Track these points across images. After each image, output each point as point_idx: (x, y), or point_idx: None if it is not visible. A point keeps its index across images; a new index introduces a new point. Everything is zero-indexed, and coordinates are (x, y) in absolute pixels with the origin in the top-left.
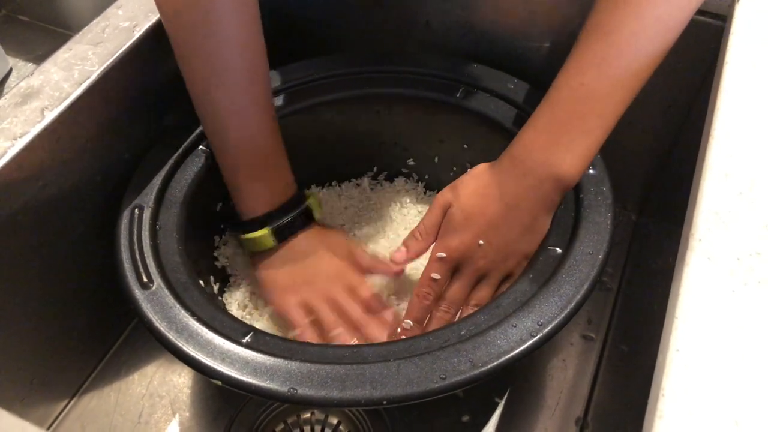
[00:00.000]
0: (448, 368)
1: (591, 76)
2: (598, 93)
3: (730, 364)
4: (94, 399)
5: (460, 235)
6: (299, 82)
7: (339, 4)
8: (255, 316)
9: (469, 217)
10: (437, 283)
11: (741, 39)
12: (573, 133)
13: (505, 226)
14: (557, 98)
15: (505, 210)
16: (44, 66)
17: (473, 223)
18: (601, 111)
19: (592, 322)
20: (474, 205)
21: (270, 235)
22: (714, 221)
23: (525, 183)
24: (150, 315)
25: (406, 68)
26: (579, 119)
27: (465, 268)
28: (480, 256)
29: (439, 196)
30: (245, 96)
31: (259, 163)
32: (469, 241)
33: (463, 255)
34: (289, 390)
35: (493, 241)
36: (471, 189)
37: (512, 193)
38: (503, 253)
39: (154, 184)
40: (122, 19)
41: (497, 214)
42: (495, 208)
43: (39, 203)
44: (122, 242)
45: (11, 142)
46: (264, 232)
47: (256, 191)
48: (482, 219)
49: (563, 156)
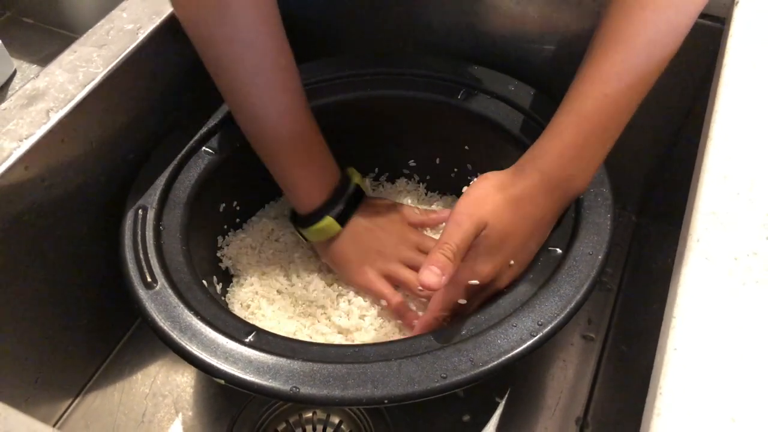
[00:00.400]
0: (448, 367)
1: (613, 86)
2: (620, 104)
3: (728, 363)
4: (98, 398)
5: (494, 258)
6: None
7: (340, 5)
8: (258, 315)
9: (505, 239)
10: (461, 306)
11: (740, 41)
12: (596, 146)
13: (532, 243)
14: (582, 110)
15: (533, 226)
16: (49, 68)
17: (508, 245)
18: (619, 119)
19: (592, 322)
20: (509, 224)
21: (334, 222)
22: (712, 222)
23: (552, 198)
24: (154, 314)
25: (406, 70)
26: (602, 131)
27: (489, 290)
28: (508, 276)
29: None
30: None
31: (305, 157)
32: (501, 264)
33: (494, 278)
34: (292, 389)
35: (520, 260)
36: (503, 206)
37: (541, 208)
38: (524, 267)
39: (157, 185)
40: (126, 21)
41: (527, 232)
42: (526, 226)
43: (44, 204)
44: (126, 242)
45: (17, 143)
46: (328, 220)
47: (310, 181)
48: (516, 240)
49: (585, 168)
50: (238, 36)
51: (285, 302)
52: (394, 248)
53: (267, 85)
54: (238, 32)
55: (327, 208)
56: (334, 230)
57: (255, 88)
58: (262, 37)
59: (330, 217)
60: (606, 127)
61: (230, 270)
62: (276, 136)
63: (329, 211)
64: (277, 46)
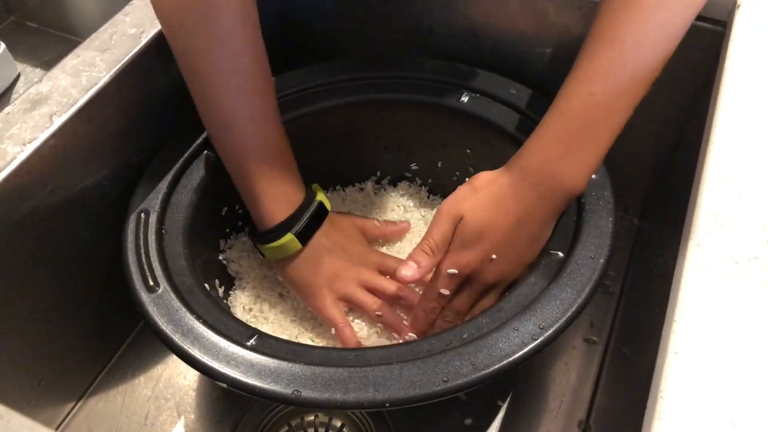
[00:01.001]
0: (450, 371)
1: (598, 85)
2: (606, 102)
3: (728, 366)
4: (100, 401)
5: (472, 250)
6: (303, 87)
7: (343, 11)
8: (260, 318)
9: (483, 232)
10: (445, 297)
11: (741, 45)
12: (583, 143)
13: (517, 239)
14: (567, 108)
15: (517, 223)
16: (52, 72)
17: (486, 238)
18: (609, 120)
19: (594, 326)
20: (487, 218)
21: (295, 240)
22: (712, 225)
23: (536, 194)
24: (156, 318)
25: (408, 73)
26: (589, 129)
27: (475, 283)
28: (491, 270)
29: (449, 208)
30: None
31: (270, 169)
32: (481, 256)
33: (475, 270)
34: (293, 392)
35: (505, 254)
36: (482, 202)
37: (525, 204)
38: (513, 265)
39: (160, 189)
40: (129, 26)
41: (510, 228)
42: (508, 222)
43: (47, 207)
44: (129, 246)
45: (21, 147)
46: (288, 237)
47: (274, 197)
48: (496, 233)
49: (574, 166)
50: (216, 35)
51: (287, 306)
52: (353, 271)
53: (239, 89)
54: (216, 31)
55: (288, 224)
56: (294, 248)
57: (227, 90)
58: (239, 39)
59: (291, 234)
60: (593, 126)
61: (232, 273)
62: (244, 144)
63: (290, 228)
64: (254, 51)
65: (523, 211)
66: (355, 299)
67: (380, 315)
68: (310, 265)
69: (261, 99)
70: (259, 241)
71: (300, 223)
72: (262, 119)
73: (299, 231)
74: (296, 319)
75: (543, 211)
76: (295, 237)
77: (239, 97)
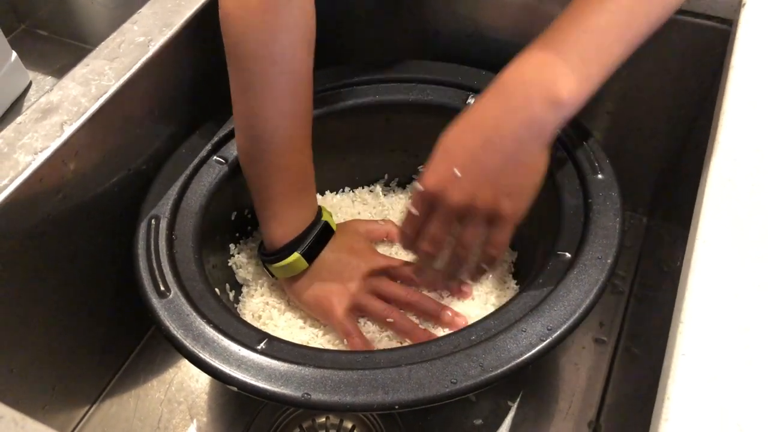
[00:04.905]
0: (458, 373)
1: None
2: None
3: (735, 367)
4: (114, 405)
5: (435, 168)
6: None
7: (348, 14)
8: (270, 326)
9: (446, 149)
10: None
11: (747, 43)
12: (570, 54)
13: (484, 155)
14: (554, 26)
15: (483, 137)
16: (63, 82)
17: (449, 155)
18: (600, 42)
19: (604, 326)
20: (452, 138)
21: (301, 259)
22: (719, 225)
23: (509, 105)
24: (167, 323)
25: (415, 76)
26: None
27: (440, 205)
28: (456, 188)
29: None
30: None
31: (290, 192)
32: (443, 171)
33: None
34: (303, 395)
35: (469, 171)
36: (452, 126)
37: (493, 117)
38: (480, 184)
39: (170, 195)
40: (137, 34)
41: (475, 142)
42: (473, 136)
43: (59, 215)
44: (140, 252)
45: (32, 156)
46: (295, 257)
47: (287, 220)
48: (459, 149)
49: (558, 72)
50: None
51: (296, 313)
52: (361, 280)
53: (284, 112)
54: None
55: (296, 244)
56: (300, 267)
57: (274, 112)
58: (297, 64)
59: (298, 253)
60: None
61: (242, 278)
62: (277, 165)
63: (297, 247)
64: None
65: (492, 125)
66: (366, 308)
67: (391, 321)
68: (318, 281)
69: (300, 122)
70: (267, 261)
71: (306, 242)
72: (298, 143)
73: (305, 251)
74: (306, 326)
75: (515, 124)
76: (301, 256)
77: (283, 120)
